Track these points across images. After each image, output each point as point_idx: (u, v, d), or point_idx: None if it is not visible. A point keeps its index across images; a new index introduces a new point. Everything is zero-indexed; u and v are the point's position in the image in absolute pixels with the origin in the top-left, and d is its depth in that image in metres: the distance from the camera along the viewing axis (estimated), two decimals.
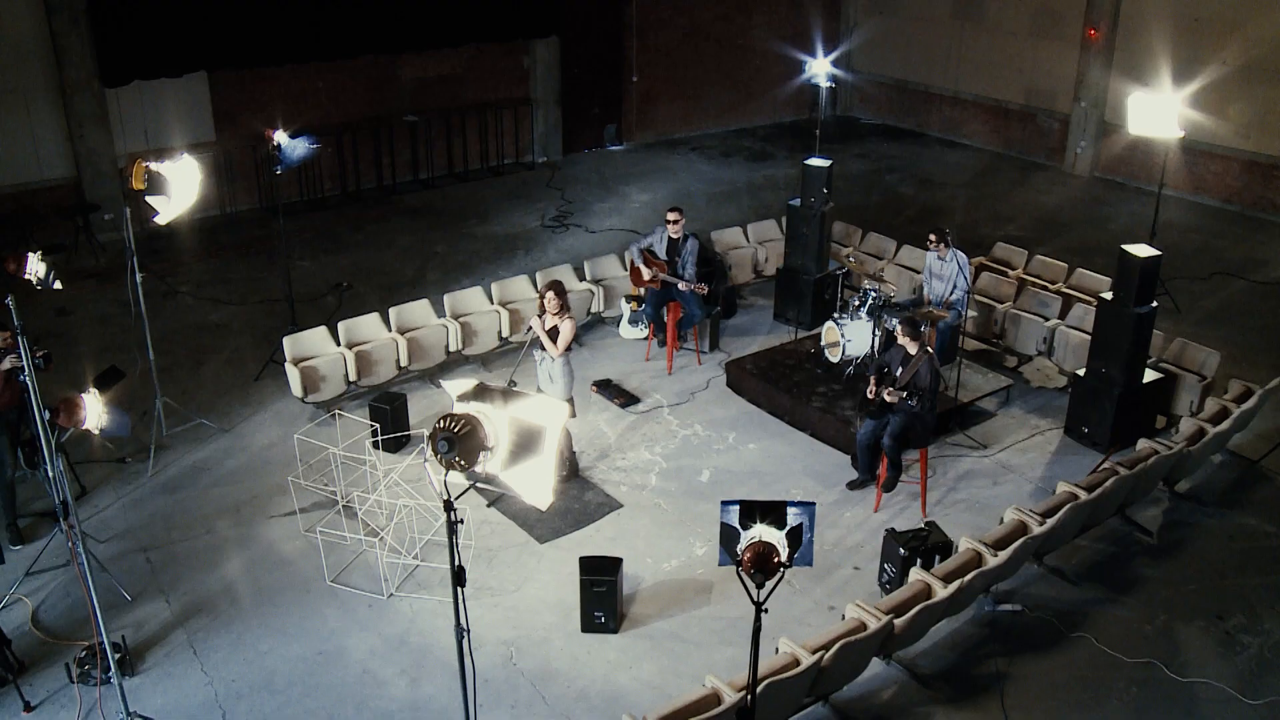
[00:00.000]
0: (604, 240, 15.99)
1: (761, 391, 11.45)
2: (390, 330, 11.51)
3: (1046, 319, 12.21)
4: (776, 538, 5.16)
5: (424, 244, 15.72)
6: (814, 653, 6.98)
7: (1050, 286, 12.93)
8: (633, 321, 12.92)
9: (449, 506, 5.32)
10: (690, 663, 7.95)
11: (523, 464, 5.28)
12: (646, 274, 11.92)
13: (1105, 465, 9.42)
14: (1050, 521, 8.46)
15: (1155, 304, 10.50)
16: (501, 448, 5.21)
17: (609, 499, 9.84)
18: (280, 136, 10.74)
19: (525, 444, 5.26)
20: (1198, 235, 16.61)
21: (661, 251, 11.92)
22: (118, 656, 7.36)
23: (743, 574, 5.19)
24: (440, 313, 11.97)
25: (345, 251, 15.37)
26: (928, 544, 8.49)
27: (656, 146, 21.07)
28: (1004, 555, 8.07)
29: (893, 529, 8.71)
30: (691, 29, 21.01)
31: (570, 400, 9.85)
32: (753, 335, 13.16)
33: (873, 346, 11.39)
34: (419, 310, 11.81)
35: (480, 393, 5.31)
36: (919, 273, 13.47)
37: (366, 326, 11.41)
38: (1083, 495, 8.83)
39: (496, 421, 5.20)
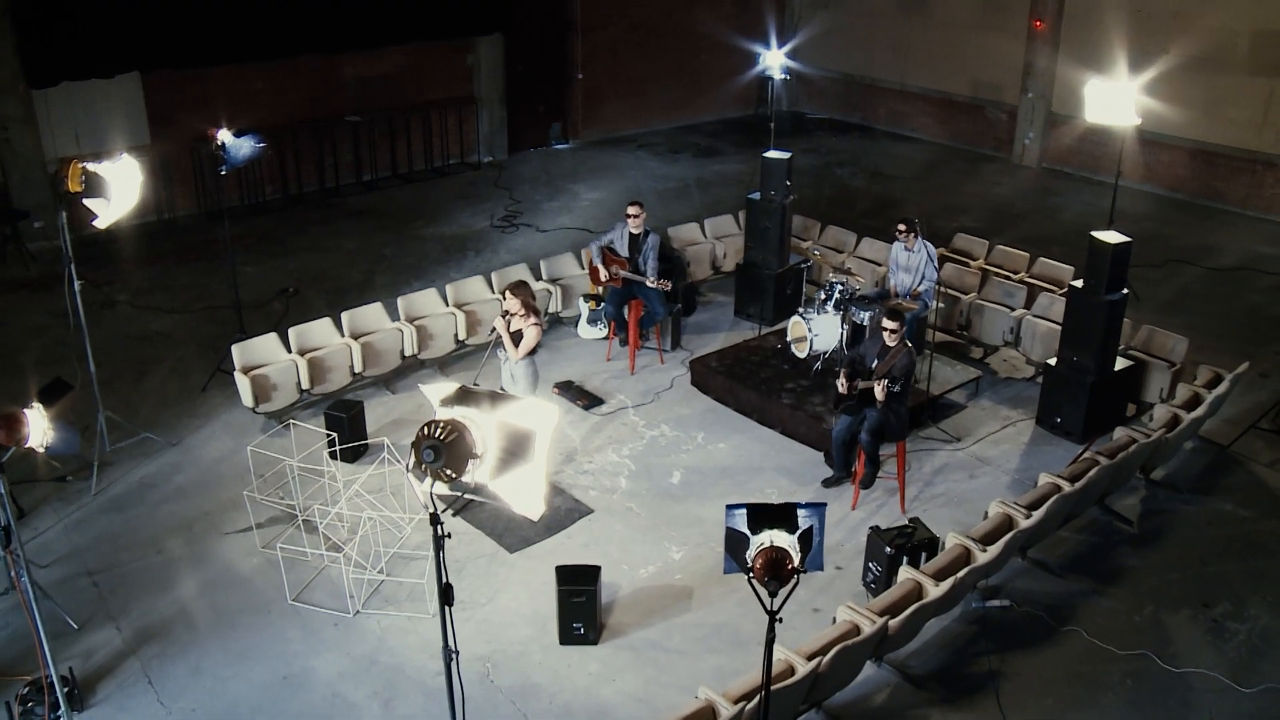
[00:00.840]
0: (555, 239, 15.62)
1: (728, 389, 11.16)
2: (343, 335, 11.05)
3: (1012, 309, 12.05)
4: (788, 542, 4.85)
5: (371, 247, 15.24)
6: (809, 659, 6.69)
7: (1013, 276, 12.78)
8: (592, 321, 12.56)
9: (435, 520, 4.95)
10: (675, 673, 7.61)
11: (512, 472, 4.92)
12: (604, 273, 11.58)
13: (1086, 455, 9.24)
14: (1037, 514, 8.25)
15: (1126, 291, 10.38)
16: (490, 455, 4.84)
17: (578, 504, 9.48)
18: (225, 135, 10.24)
19: (514, 450, 4.90)
20: (1149, 223, 16.61)
21: (622, 248, 11.59)
22: (66, 690, 6.85)
23: (754, 582, 4.87)
24: (394, 316, 11.52)
25: (289, 256, 14.84)
26: (913, 541, 8.24)
27: (603, 144, 20.74)
28: (994, 550, 7.85)
29: (876, 526, 8.44)
30: (636, 25, 20.71)
31: None
32: (714, 332, 12.87)
33: (841, 340, 11.17)
34: (372, 314, 11.35)
35: (464, 397, 4.94)
36: (880, 265, 13.29)
37: (318, 332, 10.94)
38: (1066, 486, 8.64)
39: (484, 427, 4.83)
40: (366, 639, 7.83)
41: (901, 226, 11.37)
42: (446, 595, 5.17)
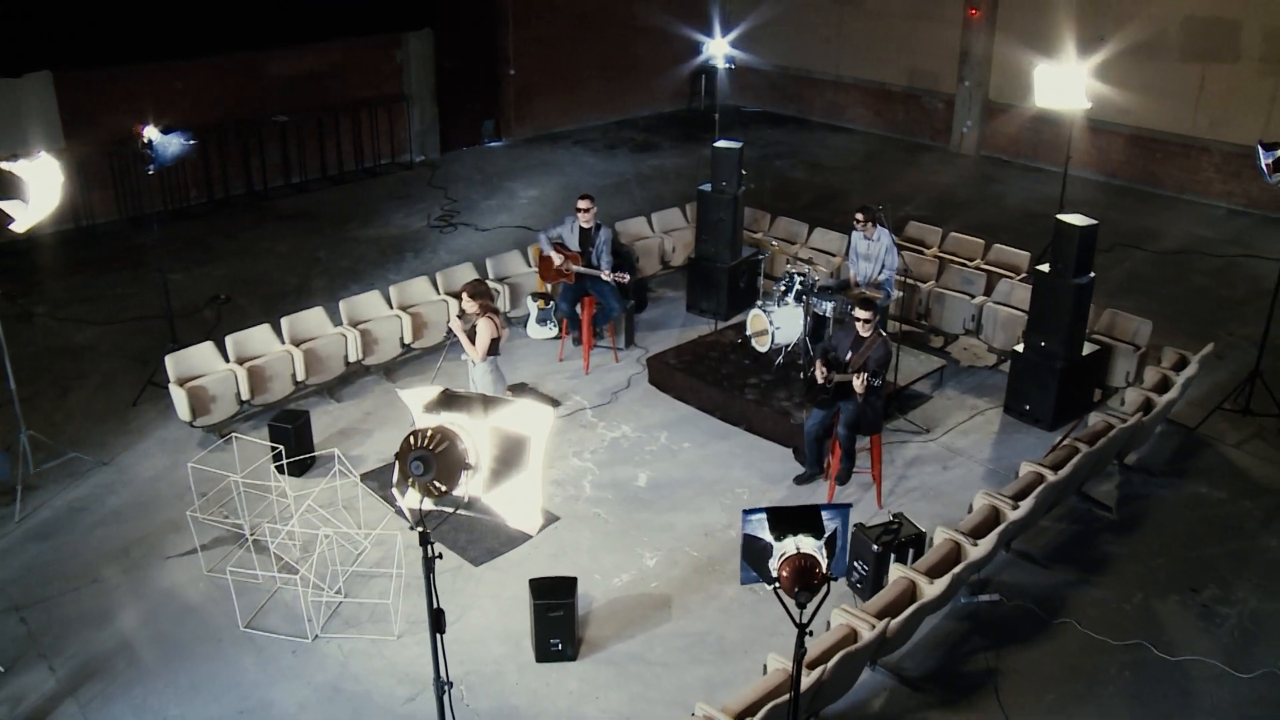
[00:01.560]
0: (495, 238, 15.08)
1: (689, 387, 10.74)
2: (283, 342, 10.42)
3: (972, 296, 11.81)
4: (814, 548, 4.43)
5: (304, 250, 14.56)
6: (811, 667, 6.29)
7: (969, 263, 12.55)
8: (541, 320, 12.04)
9: (426, 540, 4.46)
10: (661, 687, 7.17)
11: (506, 482, 4.44)
12: (557, 260, 11.07)
13: (1066, 442, 8.98)
14: (1025, 505, 7.96)
15: (1093, 274, 10.16)
16: (482, 465, 4.36)
17: (544, 512, 8.99)
18: (152, 133, 9.55)
19: (508, 458, 4.42)
20: (1091, 209, 16.25)
21: (573, 242, 11.11)
22: None
23: (782, 594, 4.44)
24: (336, 321, 10.92)
25: (219, 262, 14.10)
26: (900, 537, 7.89)
27: (537, 141, 20.22)
28: (985, 544, 7.53)
29: (860, 524, 8.09)
30: (569, 17, 20.20)
31: None
32: (667, 329, 12.45)
33: (804, 333, 10.81)
34: (313, 319, 10.74)
35: (450, 401, 4.45)
36: (835, 255, 12.99)
37: (257, 340, 10.30)
38: (1050, 475, 8.36)
39: (474, 434, 4.34)
40: (328, 666, 7.27)
41: (860, 216, 11.05)
42: (438, 621, 4.68)
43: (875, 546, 7.79)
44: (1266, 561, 8.59)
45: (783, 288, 10.91)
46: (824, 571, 4.40)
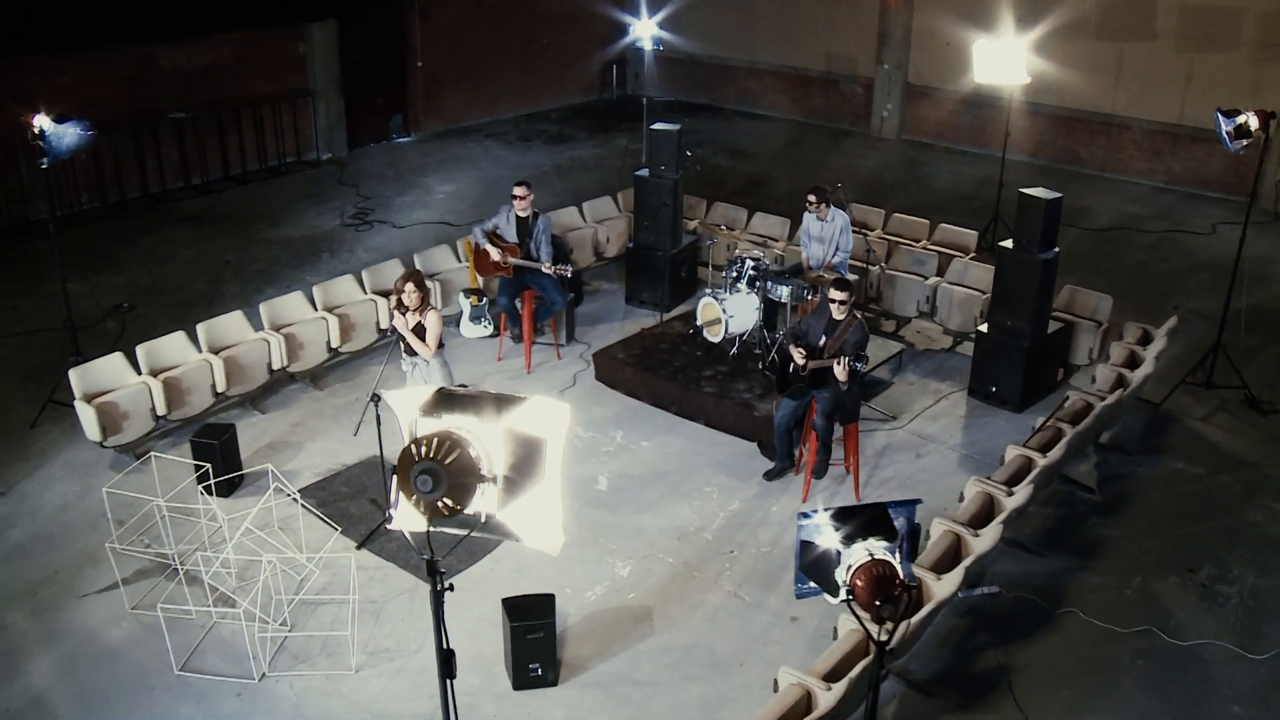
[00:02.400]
0: (414, 235, 14.22)
1: (640, 382, 10.08)
2: (200, 351, 9.47)
3: (925, 278, 11.37)
4: (889, 551, 3.80)
5: (211, 254, 13.51)
6: (825, 681, 5.68)
7: (916, 245, 12.11)
8: (475, 318, 11.29)
9: (434, 570, 3.72)
10: (654, 710, 6.50)
11: (522, 495, 3.72)
12: (496, 255, 10.31)
13: (1049, 424, 8.53)
14: (1021, 491, 7.49)
15: (1057, 249, 9.77)
16: (497, 475, 3.64)
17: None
18: (44, 122, 8.52)
19: (523, 466, 3.71)
20: (1019, 188, 16.28)
21: (510, 233, 10.35)
22: None
23: (856, 609, 3.80)
24: (257, 326, 10.00)
25: (118, 269, 12.97)
26: None
27: (447, 136, 19.32)
28: (989, 534, 7.02)
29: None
30: (477, 5, 19.35)
31: None
32: (608, 322, 11.77)
33: (759, 320, 10.24)
34: (232, 325, 9.80)
35: (450, 401, 3.72)
36: (777, 240, 12.45)
37: (171, 349, 9.34)
38: (1039, 459, 7.92)
39: (486, 439, 3.62)
40: (279, 708, 6.43)
41: (812, 197, 10.51)
42: (448, 666, 3.94)
43: None
44: (1256, 536, 8.26)
45: (734, 274, 10.31)
46: (904, 580, 3.77)
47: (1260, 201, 15.74)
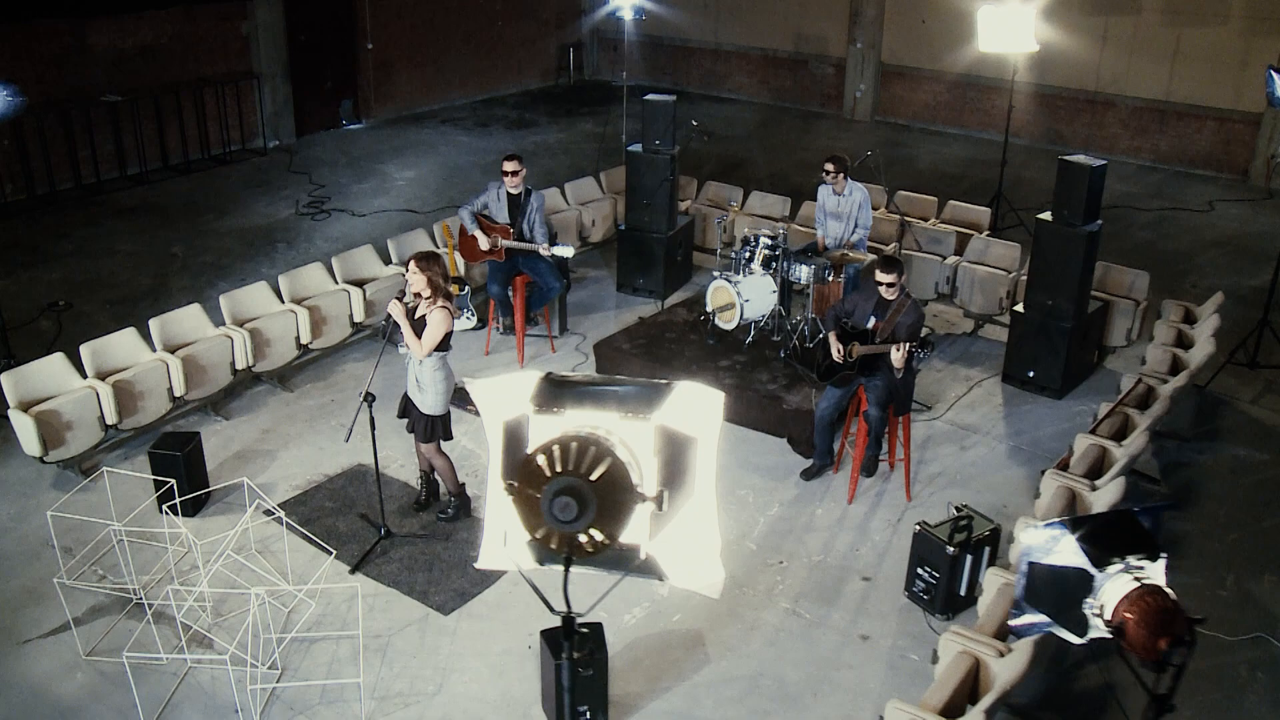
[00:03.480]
0: (378, 223, 13.01)
1: (649, 375, 9.01)
2: (154, 350, 8.22)
3: (943, 257, 10.44)
4: (1159, 573, 2.79)
5: (155, 247, 12.16)
6: (943, 717, 4.68)
7: (925, 223, 11.20)
8: (458, 309, 10.10)
9: (571, 631, 2.66)
10: None
11: (674, 520, 2.64)
12: (486, 242, 9.19)
13: (1116, 409, 7.62)
14: (1109, 486, 6.54)
15: (1101, 221, 8.89)
16: (660, 491, 2.56)
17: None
18: None
19: (675, 479, 2.62)
20: (1005, 169, 15.51)
21: (500, 213, 9.23)
22: None
23: (1128, 653, 2.78)
24: (218, 321, 8.76)
25: (50, 265, 11.57)
26: (975, 535, 6.37)
27: (400, 122, 18.04)
28: None
29: (925, 523, 6.51)
30: None
31: (446, 416, 7.03)
32: (601, 311, 10.69)
33: (777, 304, 9.24)
34: (189, 320, 8.56)
35: (569, 389, 2.63)
36: (775, 219, 11.45)
37: (121, 349, 8.08)
38: (1116, 449, 7.00)
39: (630, 440, 2.54)
40: None
41: (829, 167, 9.53)
42: None
43: (950, 548, 6.24)
44: None
45: (746, 254, 9.29)
46: (1190, 613, 2.77)
47: (1252, 179, 15.17)
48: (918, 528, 6.48)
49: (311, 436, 8.31)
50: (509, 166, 9.14)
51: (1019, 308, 9.15)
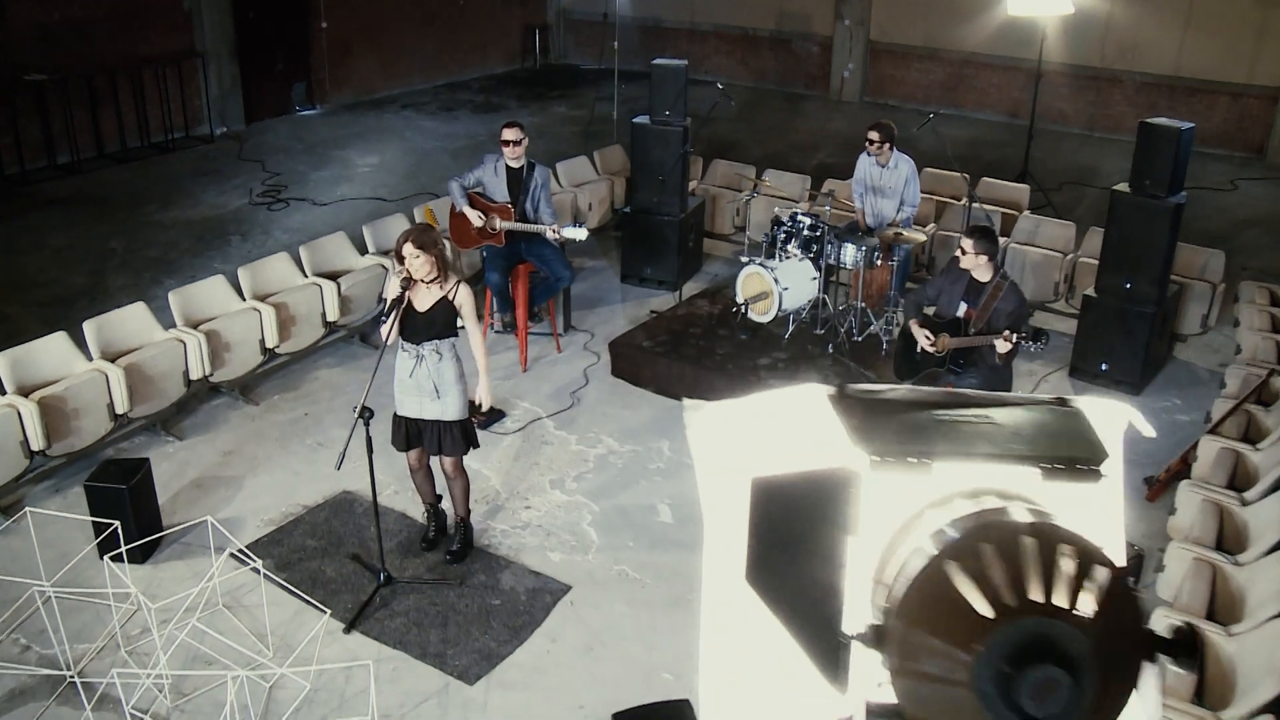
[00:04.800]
0: (342, 211, 11.53)
1: (677, 376, 7.68)
2: (92, 358, 6.72)
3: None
4: None
5: (90, 242, 10.57)
6: None
7: (958, 201, 9.98)
8: None
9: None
10: None
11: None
12: (475, 218, 7.77)
13: (1238, 408, 6.43)
14: (1259, 499, 5.35)
15: (1185, 193, 7.71)
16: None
17: (543, 580, 5.75)
18: None
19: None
20: (1009, 149, 14.37)
21: (498, 189, 7.83)
22: None
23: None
24: (167, 322, 7.27)
25: None
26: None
27: (359, 107, 16.49)
28: (1254, 558, 4.86)
29: None
30: None
31: (469, 423, 5.67)
32: (606, 305, 9.33)
33: (820, 292, 7.95)
34: (132, 322, 7.07)
35: (898, 415, 1.25)
36: (796, 202, 10.14)
37: (49, 357, 6.57)
38: (1253, 454, 5.81)
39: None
40: None
41: (874, 135, 8.25)
42: None
43: None
44: None
45: (782, 235, 7.98)
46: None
47: (1269, 156, 14.18)
48: None
49: (284, 458, 6.86)
50: (510, 135, 7.74)
51: (1090, 292, 7.95)
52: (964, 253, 6.00)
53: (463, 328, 5.50)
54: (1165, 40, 14.53)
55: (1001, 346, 5.68)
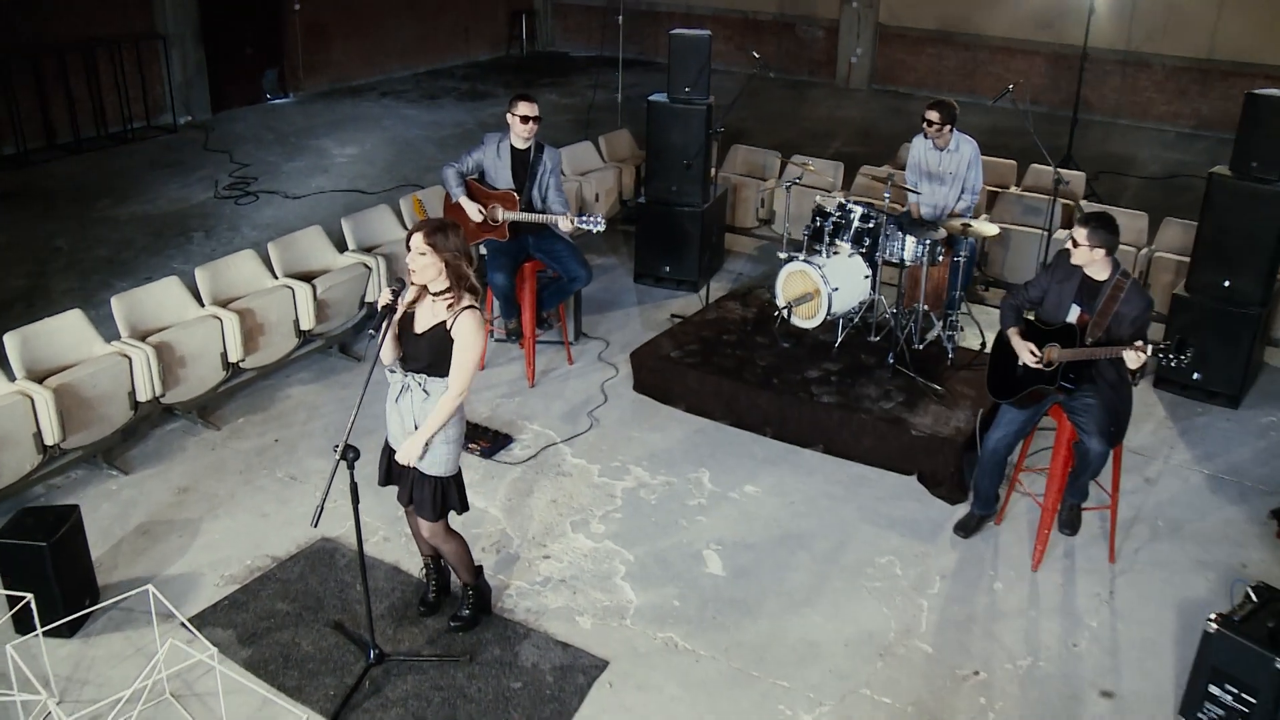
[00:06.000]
0: (318, 205, 10.33)
1: (712, 393, 6.52)
2: (14, 377, 5.51)
3: (1049, 231, 8.11)
4: None
5: (31, 240, 9.31)
6: None
7: (1007, 190, 8.88)
8: None
9: None
10: None
11: None
12: (473, 211, 6.60)
13: None
14: None
15: None
16: None
17: (572, 653, 4.59)
18: None
19: None
20: (1034, 137, 13.30)
21: (501, 174, 6.64)
22: None
23: None
24: (110, 333, 6.06)
25: None
26: None
27: (335, 95, 15.24)
28: None
29: (1223, 615, 4.12)
30: None
31: (458, 478, 4.48)
32: (619, 308, 8.17)
33: (875, 293, 6.83)
34: (68, 333, 5.85)
35: None
36: (830, 193, 9.02)
37: None
38: None
39: None
40: None
41: (934, 115, 7.12)
42: None
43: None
44: None
45: (831, 225, 6.83)
46: None
47: None
48: (1213, 626, 4.10)
49: (249, 497, 5.67)
50: (526, 109, 6.50)
51: (1181, 291, 6.86)
52: (1076, 245, 4.88)
53: None
54: (1198, 20, 13.54)
55: (1132, 360, 4.56)
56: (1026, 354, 4.94)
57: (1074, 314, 4.97)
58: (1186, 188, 11.45)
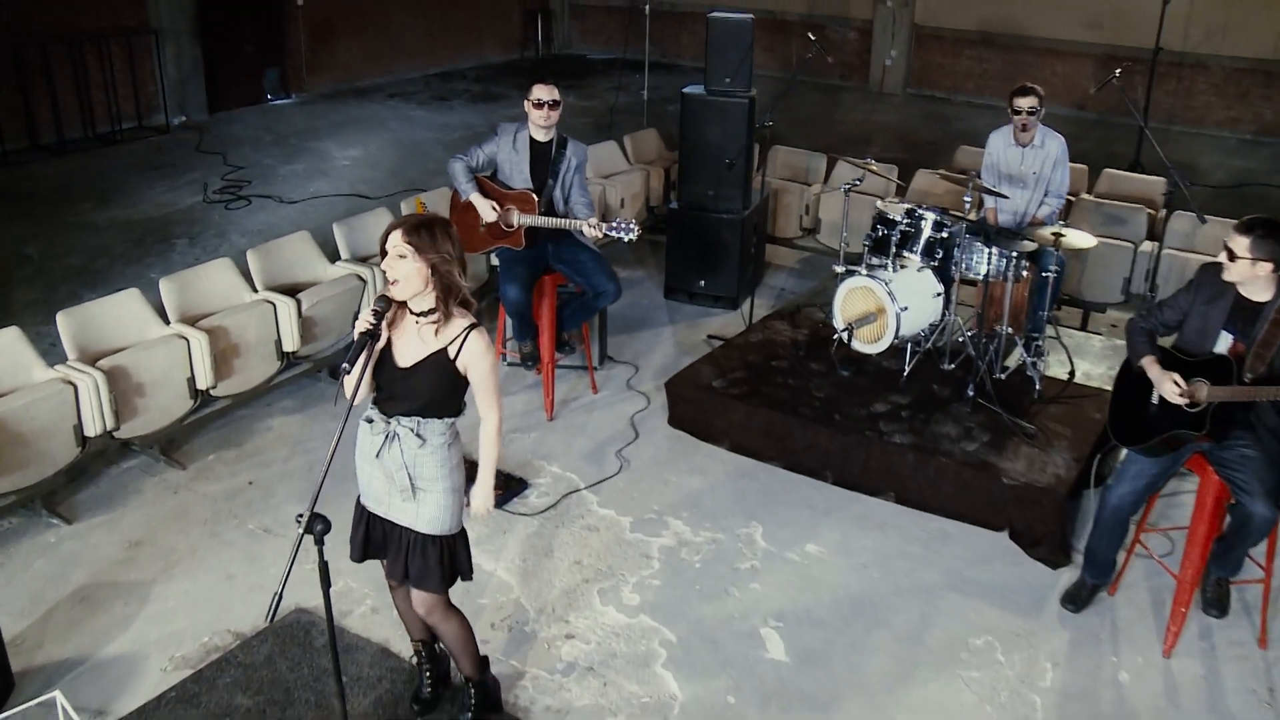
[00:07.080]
0: (314, 210, 9.40)
1: (764, 429, 5.54)
2: None
3: (1134, 243, 7.13)
4: None
5: (1, 245, 8.40)
6: None
7: (1083, 198, 7.88)
8: None
9: None
10: None
11: None
12: (486, 211, 5.64)
13: None
14: None
15: None
16: None
17: None
18: None
19: None
20: (1084, 144, 12.27)
21: (518, 171, 5.69)
22: None
23: None
24: (55, 357, 5.11)
25: None
26: None
27: (340, 97, 14.32)
28: None
29: None
30: None
31: (462, 536, 3.51)
32: (649, 327, 7.19)
33: (951, 314, 5.85)
34: (2, 354, 4.89)
35: None
36: (882, 197, 8.01)
37: None
38: None
39: None
40: None
41: (1028, 103, 6.12)
42: None
43: None
44: None
45: (897, 235, 5.85)
46: None
47: None
48: None
49: (214, 553, 4.70)
50: (543, 93, 5.58)
51: None
52: (1233, 258, 3.89)
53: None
54: (1261, 18, 12.52)
55: None
56: (1169, 387, 3.95)
57: (1224, 343, 3.98)
58: (1261, 197, 10.46)
